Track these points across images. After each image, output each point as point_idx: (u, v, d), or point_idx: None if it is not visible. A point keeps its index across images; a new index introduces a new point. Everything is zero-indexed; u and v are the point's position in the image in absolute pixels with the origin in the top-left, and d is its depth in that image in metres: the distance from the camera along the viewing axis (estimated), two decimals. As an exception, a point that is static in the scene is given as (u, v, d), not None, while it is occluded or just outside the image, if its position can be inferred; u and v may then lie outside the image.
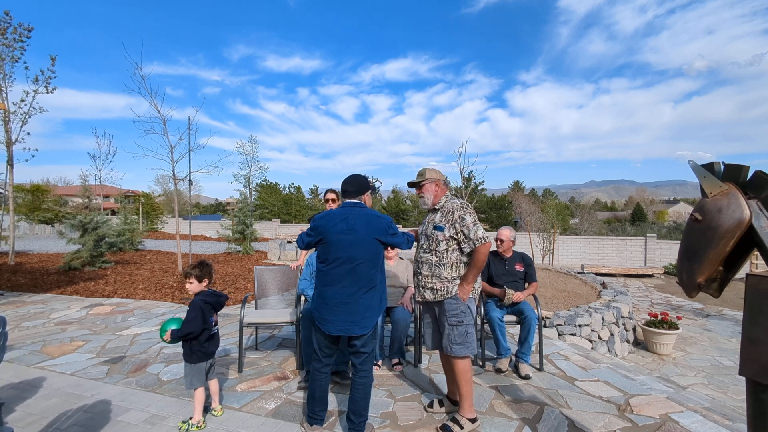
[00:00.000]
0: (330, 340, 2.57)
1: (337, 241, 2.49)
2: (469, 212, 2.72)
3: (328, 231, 2.51)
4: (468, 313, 2.73)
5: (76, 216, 9.95)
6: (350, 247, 2.48)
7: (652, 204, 72.21)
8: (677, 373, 5.62)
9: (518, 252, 4.14)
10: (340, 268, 2.48)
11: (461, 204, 2.76)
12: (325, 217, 2.57)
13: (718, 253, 1.53)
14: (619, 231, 29.52)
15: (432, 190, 2.88)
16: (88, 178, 12.11)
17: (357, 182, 2.67)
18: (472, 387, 2.76)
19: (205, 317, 2.72)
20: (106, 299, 6.66)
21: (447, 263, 2.72)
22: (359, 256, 2.48)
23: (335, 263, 2.49)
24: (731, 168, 1.57)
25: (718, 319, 8.48)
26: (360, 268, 2.49)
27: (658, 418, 2.90)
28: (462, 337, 2.71)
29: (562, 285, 8.85)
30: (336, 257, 2.49)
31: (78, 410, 2.91)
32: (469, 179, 15.95)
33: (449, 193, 2.93)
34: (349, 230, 2.49)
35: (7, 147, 9.89)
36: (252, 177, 29.55)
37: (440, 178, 2.90)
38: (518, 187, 47.53)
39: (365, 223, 2.53)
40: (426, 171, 2.92)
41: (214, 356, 2.89)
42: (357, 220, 2.52)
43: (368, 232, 2.52)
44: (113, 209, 29.89)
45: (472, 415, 2.72)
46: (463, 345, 2.70)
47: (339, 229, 2.50)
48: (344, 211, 2.57)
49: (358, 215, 2.55)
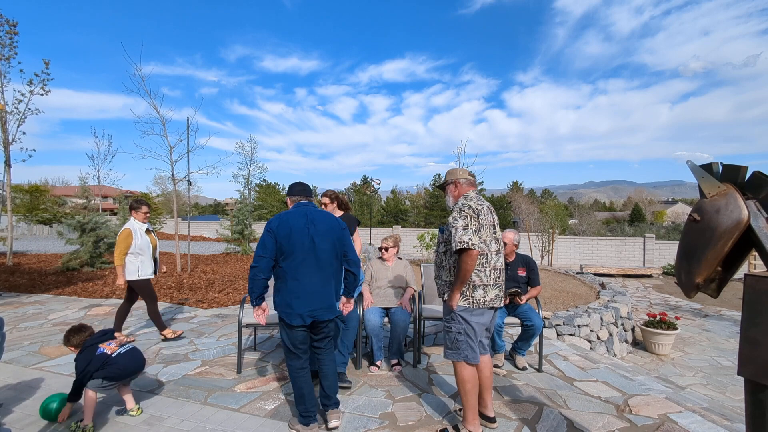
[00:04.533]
0: (303, 334, 2.69)
1: (302, 235, 2.65)
2: (464, 215, 2.52)
3: (294, 228, 2.65)
4: (458, 321, 2.60)
5: (75, 216, 9.92)
6: (315, 240, 2.67)
7: (651, 204, 72.32)
8: (676, 374, 5.63)
9: (521, 255, 4.03)
10: (308, 260, 2.65)
11: (460, 206, 2.60)
12: (283, 217, 2.70)
13: (717, 254, 1.54)
14: (617, 231, 29.55)
15: (452, 191, 2.81)
16: (86, 179, 12.09)
17: (308, 187, 2.95)
18: (474, 399, 2.61)
19: (88, 368, 2.67)
20: (105, 300, 6.63)
21: (446, 266, 2.68)
22: (324, 247, 2.69)
23: (302, 256, 2.63)
24: (729, 168, 1.58)
25: (717, 320, 8.49)
26: (325, 258, 2.69)
27: (656, 418, 2.91)
28: (451, 342, 2.64)
29: (561, 285, 8.86)
30: (303, 251, 2.64)
31: (77, 410, 2.90)
32: (468, 180, 15.99)
33: (472, 192, 2.73)
34: (311, 224, 2.69)
35: (4, 147, 9.85)
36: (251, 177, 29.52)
37: (459, 178, 2.78)
38: (517, 188, 47.60)
39: (323, 218, 2.76)
40: (448, 172, 2.87)
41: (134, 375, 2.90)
42: (315, 216, 2.75)
43: (327, 226, 2.75)
44: (112, 210, 29.84)
45: (476, 429, 2.60)
46: (453, 350, 2.63)
47: (301, 225, 2.67)
48: (301, 210, 2.76)
49: (314, 212, 2.77)
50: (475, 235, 2.48)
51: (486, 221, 2.58)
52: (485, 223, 2.56)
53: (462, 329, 2.58)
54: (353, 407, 3.00)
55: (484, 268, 2.56)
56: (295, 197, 2.86)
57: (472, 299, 2.56)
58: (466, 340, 2.58)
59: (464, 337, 2.58)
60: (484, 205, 2.64)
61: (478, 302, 2.56)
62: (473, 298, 2.56)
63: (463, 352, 2.58)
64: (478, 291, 2.56)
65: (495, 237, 2.64)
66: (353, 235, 4.63)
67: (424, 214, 40.79)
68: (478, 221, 2.52)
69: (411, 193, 52.63)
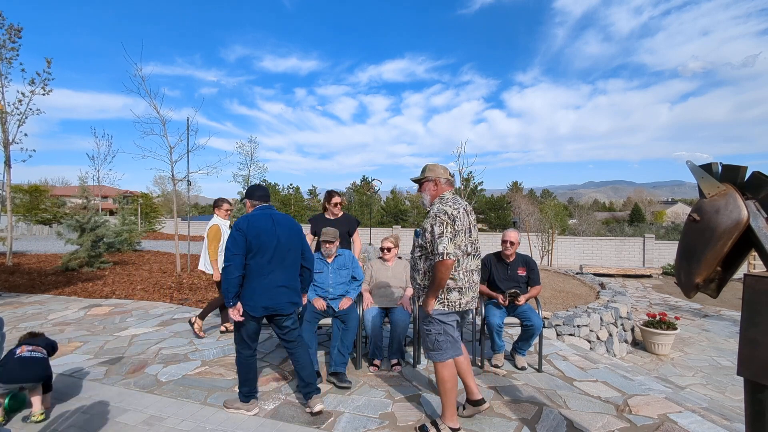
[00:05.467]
0: (259, 325, 2.94)
1: (270, 235, 2.86)
2: (440, 222, 2.46)
3: (262, 229, 2.85)
4: (436, 323, 2.59)
5: (74, 216, 9.92)
6: (280, 240, 2.90)
7: (650, 204, 72.30)
8: (675, 374, 5.64)
9: (521, 255, 4.03)
10: (276, 258, 2.88)
11: (436, 211, 2.52)
12: (251, 218, 2.89)
13: (716, 254, 1.54)
14: (617, 231, 29.57)
15: (430, 189, 2.70)
16: (86, 179, 12.09)
17: (268, 191, 3.17)
18: (454, 396, 2.61)
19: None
20: (105, 300, 6.63)
21: (420, 270, 2.64)
22: (288, 246, 2.94)
23: (270, 255, 2.85)
24: (729, 169, 1.58)
25: (717, 320, 8.50)
26: (290, 255, 2.96)
27: (656, 418, 2.91)
28: (432, 344, 2.62)
29: (560, 285, 8.86)
30: (271, 249, 2.86)
31: (76, 411, 2.90)
32: (468, 180, 15.97)
33: (448, 193, 2.67)
34: (276, 225, 2.92)
35: (4, 147, 9.84)
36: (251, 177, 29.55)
37: (440, 176, 2.68)
38: (517, 188, 47.60)
39: (285, 220, 3.02)
40: (427, 168, 2.75)
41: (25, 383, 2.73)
42: (278, 217, 2.99)
43: (290, 227, 3.01)
44: (112, 210, 29.83)
45: (454, 425, 2.59)
46: (436, 351, 2.61)
47: (268, 225, 2.89)
48: (266, 212, 2.98)
49: (277, 215, 3.02)
50: (451, 243, 2.44)
51: (461, 226, 2.53)
52: (461, 228, 2.52)
53: (441, 329, 2.60)
54: (353, 407, 3.00)
55: (457, 271, 2.54)
56: (256, 201, 3.06)
57: (448, 302, 2.56)
58: (447, 339, 2.60)
59: (445, 336, 2.60)
60: (460, 208, 2.57)
61: (453, 305, 2.56)
62: (448, 300, 2.56)
63: (447, 352, 2.60)
64: (453, 294, 2.55)
65: (470, 240, 2.60)
66: (353, 235, 4.62)
67: (424, 214, 40.78)
68: (453, 228, 2.48)
69: (411, 194, 52.60)
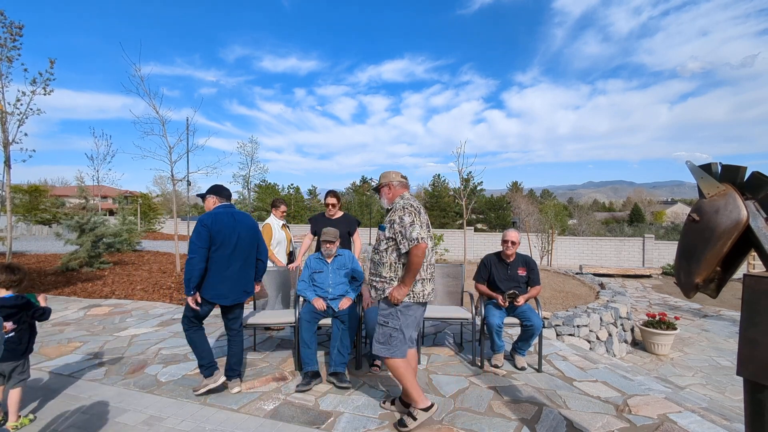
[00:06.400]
0: (209, 311, 3.22)
1: (231, 231, 3.16)
2: (410, 212, 2.67)
3: (224, 225, 3.14)
4: (395, 317, 2.70)
5: (74, 216, 9.90)
6: (241, 235, 3.21)
7: (650, 204, 72.30)
8: (675, 374, 5.64)
9: (521, 255, 4.04)
10: (236, 252, 3.18)
11: (403, 204, 2.74)
12: (214, 215, 3.16)
13: (716, 254, 1.54)
14: (617, 231, 29.57)
15: (386, 193, 2.96)
16: (85, 179, 12.08)
17: (229, 191, 3.43)
18: (414, 378, 2.76)
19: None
20: (104, 300, 6.63)
21: (386, 263, 2.73)
22: (246, 241, 3.26)
23: (231, 249, 3.15)
24: (729, 169, 1.58)
25: (716, 320, 8.50)
26: (248, 250, 3.28)
27: (656, 418, 2.91)
28: (385, 337, 2.73)
29: (560, 285, 8.86)
30: (232, 244, 3.16)
31: (75, 411, 2.90)
32: (467, 180, 15.96)
33: (407, 193, 2.93)
34: (237, 222, 3.22)
35: (4, 148, 9.82)
36: (251, 177, 29.56)
37: (393, 180, 2.94)
38: (517, 188, 47.62)
39: (244, 218, 3.33)
40: (381, 175, 3.03)
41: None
42: (238, 215, 3.29)
43: (248, 224, 3.31)
44: (111, 210, 29.82)
45: (425, 405, 2.72)
46: (384, 345, 2.72)
47: (230, 222, 3.18)
48: (228, 210, 3.26)
49: (237, 212, 3.32)
50: (422, 230, 2.65)
51: (424, 220, 2.75)
52: (424, 221, 2.73)
53: (399, 325, 2.71)
54: (353, 407, 3.00)
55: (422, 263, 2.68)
56: (219, 198, 3.33)
57: (413, 293, 2.70)
58: (399, 337, 2.71)
59: (398, 333, 2.71)
60: (420, 206, 2.82)
61: (417, 296, 2.71)
62: (413, 292, 2.70)
63: (393, 349, 2.71)
64: (417, 285, 2.71)
65: (429, 235, 2.81)
66: (354, 235, 4.62)
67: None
68: (419, 218, 2.69)
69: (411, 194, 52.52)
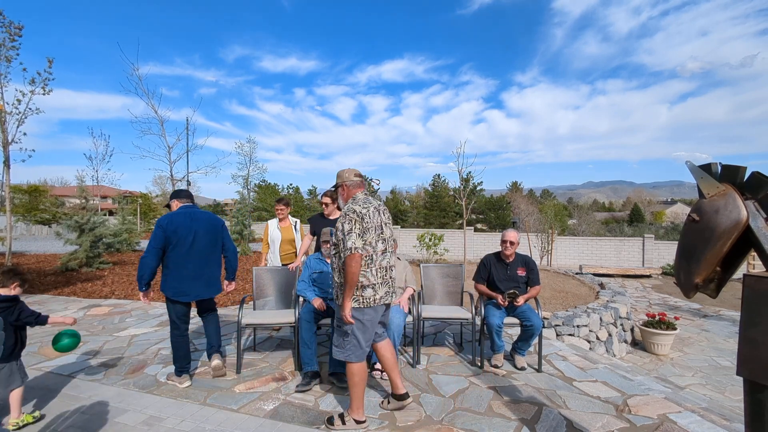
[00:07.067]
0: (185, 308, 3.37)
1: (187, 231, 3.27)
2: (349, 219, 2.58)
3: (180, 225, 3.25)
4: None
5: (73, 216, 9.90)
6: (198, 234, 3.32)
7: (650, 205, 72.30)
8: (675, 374, 5.64)
9: (521, 255, 4.04)
10: (193, 250, 3.29)
11: (346, 209, 2.67)
12: (172, 216, 3.28)
13: (716, 254, 1.54)
14: (617, 232, 29.57)
15: (341, 193, 2.89)
16: (85, 179, 12.07)
17: (191, 194, 3.59)
18: (362, 390, 2.73)
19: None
20: (104, 300, 6.63)
21: (336, 268, 2.72)
22: (205, 240, 3.36)
23: (187, 248, 3.26)
24: (728, 169, 1.58)
25: (716, 320, 8.50)
26: (207, 249, 3.39)
27: (656, 418, 2.91)
28: (339, 341, 2.72)
29: (560, 285, 8.86)
30: (189, 242, 3.27)
31: (75, 411, 2.90)
32: (467, 180, 15.96)
33: (360, 194, 2.79)
34: (194, 222, 3.33)
35: (3, 147, 9.81)
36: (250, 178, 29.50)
37: (346, 180, 2.84)
38: (516, 188, 47.63)
39: (204, 217, 3.44)
40: (337, 174, 2.92)
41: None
42: (198, 215, 3.40)
43: (207, 223, 3.42)
44: (111, 210, 29.81)
45: (359, 417, 2.72)
46: (339, 348, 2.71)
47: (187, 222, 3.29)
48: (187, 211, 3.37)
49: (197, 212, 3.43)
50: (359, 239, 2.55)
51: (371, 223, 2.61)
52: (370, 226, 2.61)
53: (351, 329, 2.66)
54: (353, 407, 3.00)
55: (369, 268, 2.63)
56: (179, 200, 3.47)
57: (362, 299, 2.64)
58: (353, 341, 2.67)
59: (352, 337, 2.67)
60: (370, 207, 2.66)
61: (368, 301, 2.64)
62: (363, 297, 2.64)
63: (347, 352, 2.69)
64: (367, 291, 2.64)
65: (382, 237, 2.68)
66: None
67: (424, 214, 40.78)
68: (362, 225, 2.58)
69: (410, 194, 52.65)
